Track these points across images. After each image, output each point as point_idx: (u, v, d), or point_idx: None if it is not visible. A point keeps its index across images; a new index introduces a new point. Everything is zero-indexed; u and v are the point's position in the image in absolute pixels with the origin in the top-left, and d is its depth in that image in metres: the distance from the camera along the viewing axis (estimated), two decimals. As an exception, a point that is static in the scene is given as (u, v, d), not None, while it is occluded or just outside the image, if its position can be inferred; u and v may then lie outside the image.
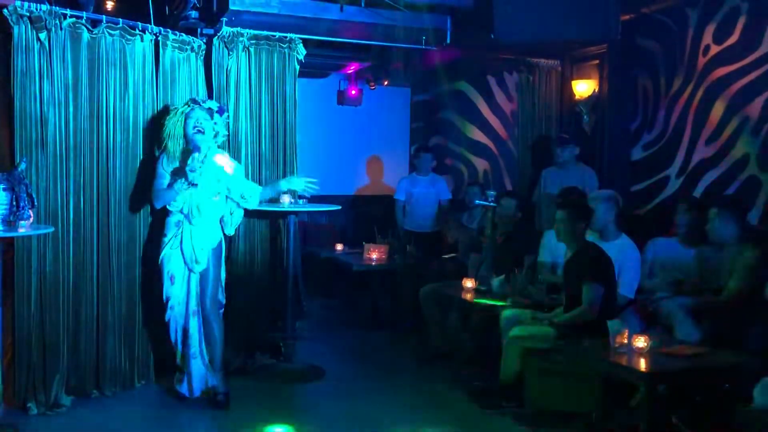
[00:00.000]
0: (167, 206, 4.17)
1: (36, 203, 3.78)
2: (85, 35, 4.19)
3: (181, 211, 4.15)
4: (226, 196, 4.30)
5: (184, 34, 4.72)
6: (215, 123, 4.22)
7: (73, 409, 4.09)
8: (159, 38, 4.53)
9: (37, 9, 3.95)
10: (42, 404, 4.01)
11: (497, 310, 4.51)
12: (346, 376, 4.90)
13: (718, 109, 4.92)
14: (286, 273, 4.86)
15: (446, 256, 6.16)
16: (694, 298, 4.02)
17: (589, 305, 3.92)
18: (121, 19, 4.37)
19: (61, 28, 4.05)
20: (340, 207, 5.14)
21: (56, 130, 4.07)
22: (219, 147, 4.33)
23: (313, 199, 4.79)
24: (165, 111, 4.41)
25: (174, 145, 4.18)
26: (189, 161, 4.03)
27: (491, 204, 5.18)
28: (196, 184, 4.04)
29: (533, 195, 5.87)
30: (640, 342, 3.40)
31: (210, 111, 4.21)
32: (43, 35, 3.97)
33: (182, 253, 4.14)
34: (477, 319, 4.95)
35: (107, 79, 4.29)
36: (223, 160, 4.26)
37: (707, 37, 5.01)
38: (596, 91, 5.76)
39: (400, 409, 4.23)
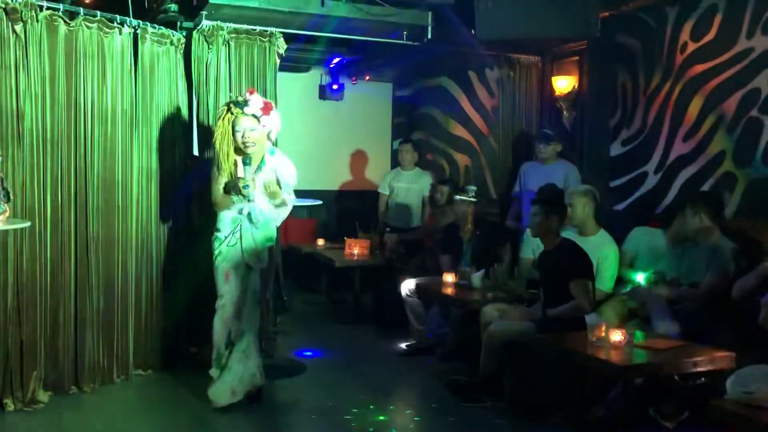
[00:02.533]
0: None
1: (12, 197, 3.74)
2: (62, 28, 4.14)
3: (240, 212, 4.00)
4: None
5: (163, 28, 4.69)
6: (263, 126, 3.98)
7: (51, 406, 4.05)
8: (138, 31, 4.49)
9: (12, 0, 3.89)
10: (19, 401, 3.97)
11: (477, 304, 4.55)
12: (327, 371, 4.90)
13: (695, 106, 4.98)
14: (267, 268, 4.84)
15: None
16: (671, 290, 4.07)
17: (584, 300, 3.97)
18: (99, 12, 4.32)
19: (37, 21, 4.00)
20: (321, 202, 5.13)
21: (33, 124, 4.02)
22: (273, 144, 4.15)
23: (295, 194, 4.78)
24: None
25: (225, 159, 3.95)
26: (242, 178, 3.88)
27: (472, 199, 5.21)
28: (252, 200, 3.94)
29: (513, 190, 5.89)
30: (617, 336, 3.44)
31: (255, 118, 3.93)
32: (18, 27, 3.91)
33: (242, 251, 4.01)
34: (457, 314, 4.98)
35: (85, 72, 4.24)
36: (278, 161, 4.10)
37: (685, 35, 5.06)
38: (576, 87, 5.81)
39: (380, 403, 4.24)
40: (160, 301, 4.73)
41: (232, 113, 3.94)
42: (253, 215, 4.00)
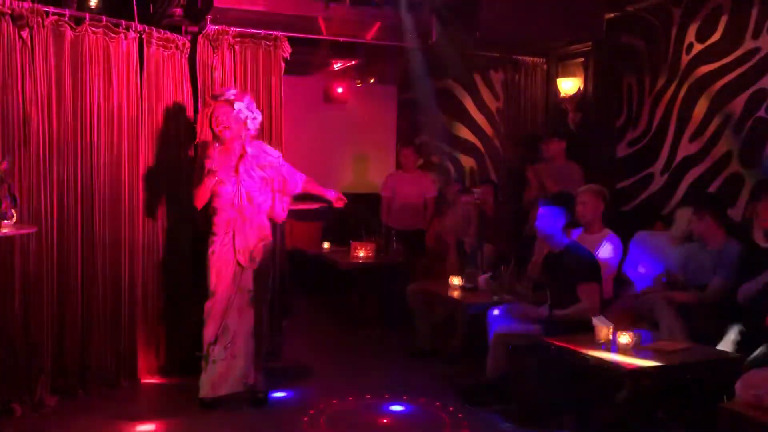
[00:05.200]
0: (215, 204, 4.10)
1: (19, 202, 3.75)
2: (68, 33, 4.16)
3: (231, 204, 4.08)
4: (271, 187, 4.25)
5: (168, 32, 4.70)
6: (238, 110, 4.09)
7: (58, 410, 4.06)
8: (143, 36, 4.51)
9: (19, 6, 3.91)
10: (27, 405, 3.98)
11: (484, 307, 4.54)
12: (333, 373, 4.90)
13: (701, 107, 4.97)
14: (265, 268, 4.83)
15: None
16: (679, 293, 4.06)
17: (592, 303, 3.97)
18: (104, 17, 4.34)
19: (43, 26, 4.02)
20: (327, 205, 5.13)
21: (39, 128, 4.03)
22: (255, 134, 4.26)
23: (300, 197, 4.78)
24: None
25: (204, 147, 4.12)
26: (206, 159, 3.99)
27: (476, 202, 5.21)
28: (216, 170, 3.97)
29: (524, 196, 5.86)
30: (624, 338, 3.42)
31: (229, 102, 4.07)
32: (25, 33, 3.93)
33: (234, 250, 4.09)
34: (463, 317, 4.97)
35: (91, 77, 4.26)
36: (262, 147, 4.24)
37: (690, 35, 5.05)
38: (581, 88, 5.80)
39: (386, 406, 4.23)
40: (167, 305, 4.73)
41: (210, 106, 4.14)
42: (243, 201, 4.07)
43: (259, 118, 4.24)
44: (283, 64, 5.00)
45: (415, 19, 5.16)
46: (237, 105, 4.08)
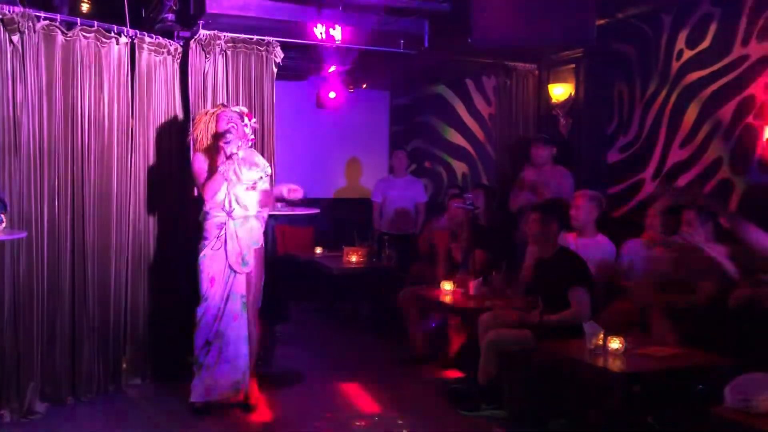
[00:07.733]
0: (206, 209, 4.13)
1: (9, 208, 3.74)
2: (59, 38, 4.15)
3: (222, 208, 4.09)
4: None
5: (160, 37, 4.70)
6: (245, 125, 4.21)
7: (47, 416, 4.04)
8: (135, 41, 4.50)
9: (9, 11, 3.90)
10: (16, 411, 3.96)
11: (475, 312, 4.54)
12: (325, 379, 4.89)
13: (691, 113, 5.00)
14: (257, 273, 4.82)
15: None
16: (670, 296, 4.08)
17: (582, 308, 3.98)
18: (96, 22, 4.33)
19: (34, 31, 4.01)
20: (319, 210, 5.13)
21: (30, 134, 4.02)
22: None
23: (293, 203, 4.78)
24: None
25: (204, 141, 4.20)
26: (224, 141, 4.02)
27: (468, 207, 5.21)
28: (236, 152, 4.00)
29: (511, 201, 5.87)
30: (615, 344, 3.43)
31: (240, 114, 4.21)
32: (15, 37, 3.92)
33: (226, 254, 4.09)
34: (455, 322, 4.98)
35: (82, 82, 4.25)
36: (253, 154, 4.29)
37: (681, 42, 5.09)
38: (572, 94, 5.83)
39: (378, 412, 4.23)
40: (157, 310, 4.71)
41: (220, 108, 4.20)
42: (232, 203, 4.08)
43: (252, 137, 4.35)
44: (275, 70, 5.01)
45: (407, 24, 5.18)
46: (245, 119, 4.20)
